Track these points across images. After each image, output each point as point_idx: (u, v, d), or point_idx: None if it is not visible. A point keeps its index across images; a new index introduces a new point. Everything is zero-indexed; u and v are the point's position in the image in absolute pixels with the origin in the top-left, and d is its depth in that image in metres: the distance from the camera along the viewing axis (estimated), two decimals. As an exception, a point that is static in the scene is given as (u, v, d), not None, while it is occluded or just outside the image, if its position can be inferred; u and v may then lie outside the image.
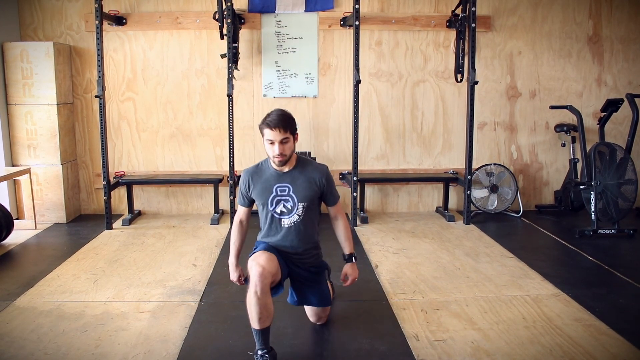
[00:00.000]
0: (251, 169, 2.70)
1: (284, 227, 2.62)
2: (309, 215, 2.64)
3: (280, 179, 2.61)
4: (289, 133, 2.50)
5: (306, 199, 2.60)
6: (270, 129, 2.47)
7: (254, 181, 2.64)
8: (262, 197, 2.61)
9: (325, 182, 2.65)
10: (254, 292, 2.38)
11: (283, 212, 2.61)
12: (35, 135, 4.83)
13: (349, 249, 2.75)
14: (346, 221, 2.78)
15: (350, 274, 2.72)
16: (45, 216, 4.93)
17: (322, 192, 2.67)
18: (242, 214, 2.75)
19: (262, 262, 2.44)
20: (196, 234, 4.62)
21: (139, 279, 3.53)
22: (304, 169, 2.64)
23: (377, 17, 5.13)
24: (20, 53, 4.72)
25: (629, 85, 5.38)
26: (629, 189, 4.52)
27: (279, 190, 2.60)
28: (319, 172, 2.66)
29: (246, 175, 2.68)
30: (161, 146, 5.24)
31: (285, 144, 2.50)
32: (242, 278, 2.70)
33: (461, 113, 5.24)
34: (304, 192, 2.60)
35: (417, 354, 2.56)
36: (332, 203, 2.73)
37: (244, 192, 2.69)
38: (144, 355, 2.53)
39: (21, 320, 2.91)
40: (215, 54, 5.05)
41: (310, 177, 2.62)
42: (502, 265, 3.79)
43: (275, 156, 2.51)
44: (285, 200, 2.60)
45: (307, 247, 2.67)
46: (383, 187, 5.42)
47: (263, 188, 2.61)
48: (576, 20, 5.28)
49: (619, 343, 2.65)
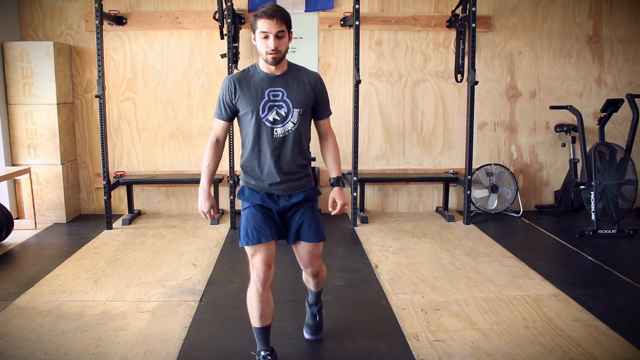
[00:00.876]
0: (237, 74, 2.37)
1: (277, 137, 2.31)
2: (303, 124, 2.37)
3: (273, 83, 2.31)
4: (285, 26, 2.23)
5: (301, 105, 2.32)
6: (267, 18, 2.19)
7: (241, 86, 2.31)
8: (252, 104, 2.30)
9: (320, 88, 2.39)
10: (255, 290, 2.29)
11: (276, 119, 2.30)
12: (35, 135, 4.83)
13: (336, 172, 2.48)
14: (335, 140, 2.52)
15: (339, 198, 2.43)
16: (45, 216, 4.93)
17: (316, 100, 2.39)
18: (220, 130, 2.41)
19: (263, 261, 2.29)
20: (196, 233, 4.63)
21: (139, 279, 3.53)
22: (298, 72, 2.37)
23: (377, 17, 5.13)
24: (21, 53, 4.72)
25: (629, 85, 5.38)
26: (629, 189, 4.52)
27: (272, 95, 2.30)
28: (314, 76, 2.40)
29: (231, 79, 2.34)
30: (161, 146, 5.25)
31: (281, 38, 2.23)
32: (214, 210, 2.48)
33: (461, 113, 5.24)
34: (299, 96, 2.32)
35: (417, 354, 2.56)
36: (324, 115, 2.46)
37: (228, 100, 2.34)
38: (143, 355, 2.53)
39: (21, 319, 2.91)
40: (215, 53, 5.05)
41: (304, 81, 2.35)
42: (502, 265, 3.79)
43: (270, 52, 2.22)
44: (279, 106, 2.30)
45: (300, 163, 2.39)
46: (383, 187, 5.42)
47: (253, 93, 2.30)
48: (576, 21, 5.28)
49: (619, 343, 2.65)
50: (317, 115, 2.45)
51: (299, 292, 3.07)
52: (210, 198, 2.45)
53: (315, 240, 2.42)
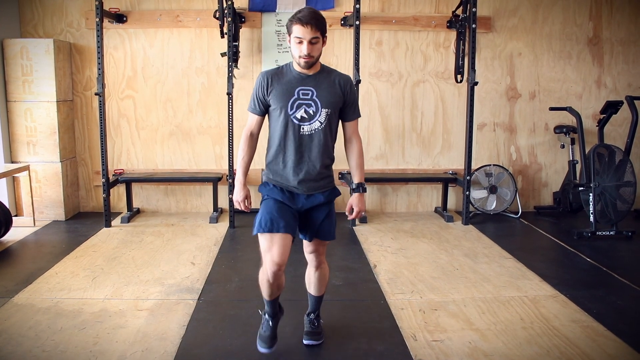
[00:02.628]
0: (271, 70, 2.45)
1: (304, 134, 2.37)
2: (330, 124, 2.41)
3: (304, 82, 2.37)
4: (319, 33, 2.28)
5: (330, 105, 2.38)
6: (302, 25, 2.24)
7: (273, 82, 2.39)
8: (282, 100, 2.36)
9: (349, 89, 2.44)
10: (267, 280, 2.41)
11: (304, 117, 2.36)
12: (34, 133, 4.83)
13: (359, 178, 2.51)
14: (361, 146, 2.54)
15: (356, 205, 2.48)
16: (44, 213, 4.93)
17: (345, 101, 2.44)
18: (253, 124, 2.48)
19: (277, 258, 2.32)
20: (195, 232, 4.62)
21: (138, 277, 3.53)
22: (330, 74, 2.43)
23: (377, 17, 5.14)
24: (21, 50, 4.72)
25: (629, 87, 5.38)
26: (627, 190, 4.53)
27: (302, 93, 2.36)
28: (344, 78, 2.45)
29: (265, 75, 2.42)
30: (160, 144, 5.24)
31: (315, 44, 2.28)
32: (249, 201, 2.50)
33: (461, 113, 5.24)
34: (328, 97, 2.38)
35: (415, 354, 2.56)
36: (352, 118, 2.49)
37: (261, 95, 2.41)
38: (141, 353, 2.54)
39: (19, 317, 2.91)
40: (215, 52, 5.05)
41: (334, 82, 2.41)
42: (500, 266, 3.80)
43: (303, 56, 2.28)
44: (308, 105, 2.36)
45: (324, 163, 2.43)
46: (382, 187, 5.42)
47: (284, 90, 2.37)
48: (576, 22, 5.28)
49: (616, 344, 2.65)
50: (345, 117, 2.49)
51: (298, 290, 3.07)
52: (245, 189, 2.48)
53: (327, 239, 2.53)
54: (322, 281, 2.65)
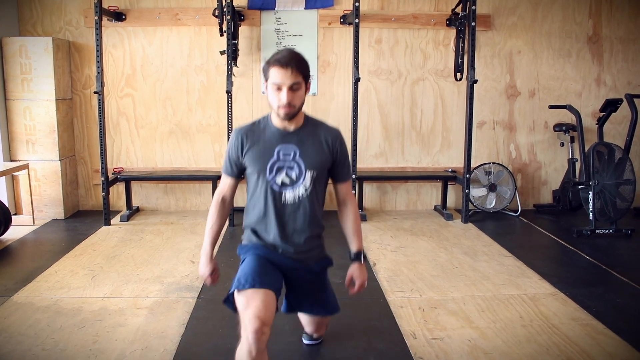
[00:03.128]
0: (245, 126, 2.10)
1: (286, 204, 2.06)
2: (317, 189, 2.09)
3: (285, 140, 2.04)
4: (301, 78, 1.95)
5: (316, 166, 2.05)
6: (281, 68, 1.91)
7: (249, 141, 2.05)
8: (259, 162, 2.04)
9: (339, 148, 2.10)
10: (248, 352, 1.83)
11: (285, 183, 2.04)
12: (33, 131, 4.82)
13: (357, 245, 2.19)
14: (357, 208, 2.22)
15: (358, 277, 2.16)
16: (43, 212, 4.92)
17: (334, 161, 2.11)
18: (226, 188, 2.15)
19: (259, 313, 1.86)
20: (194, 230, 4.62)
21: (137, 275, 3.53)
22: (315, 128, 2.10)
23: (377, 15, 5.13)
24: (19, 48, 4.71)
25: (628, 85, 5.38)
26: (627, 189, 4.53)
27: (282, 154, 2.03)
28: (332, 134, 2.11)
29: (239, 134, 2.08)
30: (160, 142, 5.24)
31: (296, 91, 1.95)
32: (216, 275, 2.17)
33: (460, 112, 5.24)
34: (314, 156, 2.05)
35: (415, 352, 2.56)
36: (344, 178, 2.17)
37: (234, 156, 2.09)
38: (141, 352, 2.54)
39: (19, 315, 2.91)
40: (214, 50, 5.05)
41: (321, 139, 2.08)
42: (499, 264, 3.80)
43: (282, 106, 1.95)
44: (290, 167, 2.03)
45: (312, 234, 2.14)
46: (382, 185, 5.42)
47: (261, 150, 2.04)
48: (576, 20, 5.28)
49: (616, 342, 2.66)
50: (335, 177, 2.18)
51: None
52: (212, 262, 2.15)
53: (325, 314, 2.26)
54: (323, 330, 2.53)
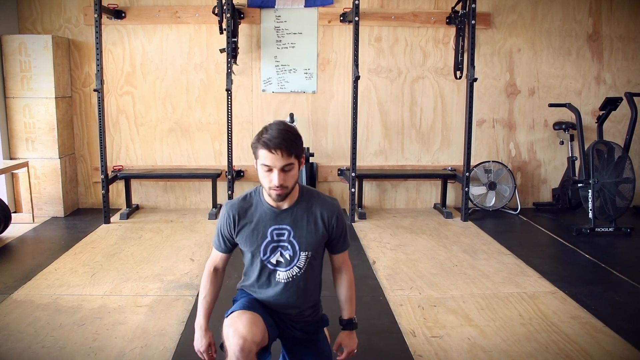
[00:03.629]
0: (236, 202, 2.01)
1: (280, 282, 2.00)
2: (313, 267, 2.03)
3: (278, 219, 1.97)
4: (293, 158, 1.84)
5: (311, 247, 1.99)
6: (269, 151, 1.80)
7: (241, 219, 1.98)
8: (252, 243, 1.98)
9: (335, 223, 2.02)
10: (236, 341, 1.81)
11: (280, 262, 1.99)
12: (33, 129, 4.82)
13: (349, 313, 2.11)
14: (352, 276, 2.15)
15: (347, 345, 2.08)
16: (43, 210, 4.92)
17: (330, 236, 2.04)
18: (218, 260, 2.09)
19: (244, 330, 1.82)
20: (194, 228, 4.62)
21: (137, 273, 3.53)
22: (310, 204, 2.00)
23: (376, 13, 5.12)
24: (19, 46, 4.70)
25: (628, 83, 5.38)
26: (626, 187, 4.53)
27: (276, 235, 1.96)
28: (329, 209, 2.02)
29: (230, 211, 1.99)
30: (159, 140, 5.24)
31: (288, 172, 1.84)
32: (213, 349, 2.06)
33: (460, 110, 5.23)
34: (308, 237, 1.98)
35: (414, 350, 2.56)
36: (340, 250, 2.10)
37: (227, 234, 2.01)
38: (141, 349, 2.54)
39: (18, 313, 2.91)
40: (214, 48, 5.04)
41: (317, 216, 1.99)
42: (499, 263, 3.80)
43: (274, 188, 1.85)
44: (284, 248, 1.97)
45: (306, 307, 2.09)
46: (381, 183, 5.42)
47: (254, 231, 1.97)
48: (576, 18, 5.27)
49: (615, 341, 2.66)
50: (332, 250, 2.11)
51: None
52: (208, 335, 2.05)
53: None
54: None
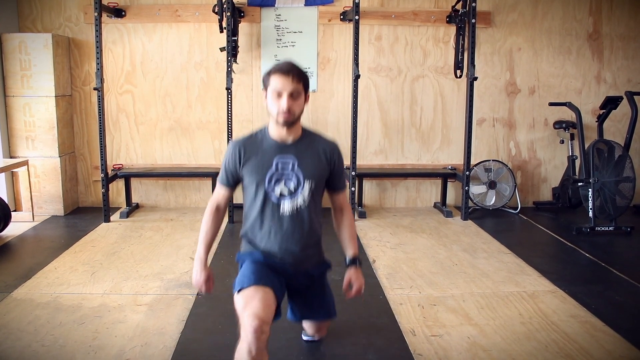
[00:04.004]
0: (243, 138, 2.16)
1: (284, 215, 2.10)
2: (315, 199, 2.14)
3: (283, 151, 2.09)
4: (301, 86, 2.03)
5: (314, 177, 2.11)
6: (282, 75, 1.99)
7: (247, 153, 2.11)
8: (258, 174, 2.09)
9: (336, 159, 2.18)
10: (248, 351, 1.85)
11: (283, 194, 2.09)
12: (33, 127, 4.82)
13: (353, 251, 2.23)
14: (352, 216, 2.30)
15: (355, 280, 2.20)
16: (42, 208, 4.92)
17: (331, 171, 2.18)
18: (221, 197, 2.22)
19: (258, 311, 1.89)
20: (194, 227, 4.62)
21: (137, 272, 3.53)
22: (312, 140, 2.17)
23: (377, 12, 5.12)
24: (19, 44, 4.70)
25: (629, 82, 5.38)
26: (626, 186, 4.53)
27: (281, 166, 2.08)
28: (330, 146, 2.19)
29: (236, 145, 2.14)
30: (160, 139, 5.24)
31: (296, 99, 2.02)
32: (211, 281, 2.21)
33: (460, 109, 5.23)
34: (312, 168, 2.11)
35: (414, 349, 2.56)
36: (340, 188, 2.25)
37: (232, 167, 2.15)
38: (141, 348, 2.54)
39: (18, 312, 2.91)
40: (214, 47, 5.04)
41: (319, 151, 2.15)
42: (499, 261, 3.80)
43: (282, 112, 2.01)
44: (288, 178, 2.09)
45: (310, 242, 2.19)
46: (381, 182, 5.42)
47: (259, 162, 2.09)
48: (576, 17, 5.27)
49: (615, 340, 2.66)
50: (332, 188, 2.24)
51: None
52: (207, 269, 2.19)
53: (325, 318, 2.31)
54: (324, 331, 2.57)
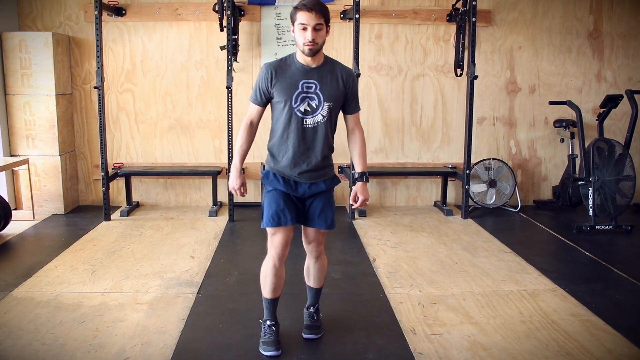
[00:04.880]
0: (275, 62, 2.48)
1: (307, 127, 2.45)
2: (331, 117, 2.49)
3: (308, 75, 2.42)
4: (323, 20, 2.35)
5: (332, 99, 2.44)
6: (307, 11, 2.31)
7: (277, 75, 2.43)
8: (286, 93, 2.42)
9: (351, 83, 2.51)
10: (272, 264, 2.48)
11: (307, 110, 2.43)
12: (33, 126, 4.82)
13: (361, 167, 2.58)
14: (363, 136, 2.62)
15: (361, 193, 2.55)
16: (43, 207, 4.92)
17: (346, 95, 2.50)
18: (254, 113, 2.53)
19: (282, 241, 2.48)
20: (194, 225, 4.63)
21: (137, 271, 3.53)
22: (333, 66, 2.48)
23: (377, 11, 5.12)
24: (19, 43, 4.70)
25: (629, 81, 5.37)
26: (627, 185, 4.53)
27: (305, 87, 2.42)
28: (347, 72, 2.51)
29: (269, 68, 2.45)
30: (160, 138, 5.24)
31: (319, 31, 2.34)
32: (244, 187, 2.57)
33: (460, 107, 5.23)
34: (331, 90, 2.44)
35: (414, 347, 2.57)
36: (354, 110, 2.57)
37: (264, 87, 2.46)
38: (141, 347, 2.54)
39: (19, 310, 2.91)
40: (214, 45, 5.04)
41: (337, 76, 2.47)
42: (499, 260, 3.80)
43: (307, 43, 2.34)
44: (311, 98, 2.42)
45: (325, 153, 2.52)
46: (382, 180, 5.42)
47: (288, 83, 2.42)
48: (577, 16, 5.27)
49: (615, 338, 2.66)
50: (346, 109, 2.55)
51: (297, 284, 3.08)
52: (242, 176, 2.55)
53: (324, 227, 2.55)
54: (321, 273, 2.68)
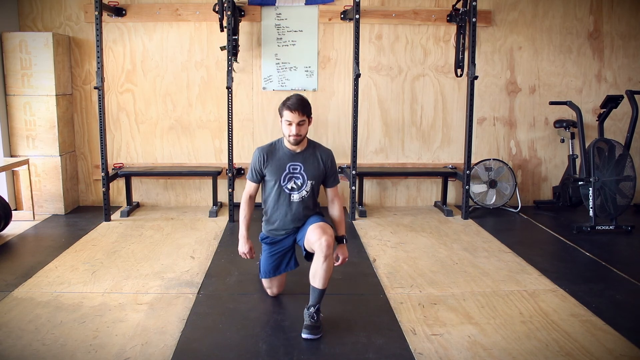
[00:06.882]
0: (266, 147, 2.97)
1: (294, 201, 2.92)
2: (314, 192, 2.97)
3: (293, 159, 2.90)
4: (305, 116, 2.80)
5: (314, 177, 2.92)
6: (290, 111, 2.77)
7: (268, 158, 2.92)
8: (276, 174, 2.90)
9: (330, 164, 2.98)
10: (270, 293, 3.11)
11: (293, 188, 2.91)
12: (33, 126, 4.82)
13: (341, 231, 2.97)
14: (342, 205, 3.08)
15: (341, 254, 2.94)
16: (43, 207, 4.93)
17: (326, 173, 2.97)
18: (252, 189, 3.02)
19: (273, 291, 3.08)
20: (194, 226, 4.63)
21: (137, 271, 3.53)
22: (314, 150, 2.96)
23: (377, 11, 5.12)
24: (19, 43, 4.70)
25: (629, 81, 5.38)
26: (627, 185, 4.53)
27: (292, 169, 2.90)
28: (326, 154, 2.99)
29: (261, 152, 2.94)
30: (160, 138, 5.24)
31: (302, 125, 2.81)
32: (252, 251, 3.00)
33: (461, 108, 5.23)
34: (314, 171, 2.92)
35: (414, 347, 2.56)
36: (332, 184, 3.02)
37: (258, 168, 2.95)
38: (141, 347, 2.54)
39: (19, 310, 2.91)
40: (214, 46, 5.04)
41: (318, 158, 2.94)
42: (499, 260, 3.80)
43: (292, 135, 2.81)
44: (297, 178, 2.91)
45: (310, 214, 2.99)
46: (382, 181, 5.42)
47: (277, 166, 2.90)
48: (577, 16, 5.27)
49: (615, 338, 2.66)
50: (326, 184, 3.03)
51: (297, 285, 3.09)
52: (249, 242, 3.00)
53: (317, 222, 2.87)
54: (328, 272, 2.70)
